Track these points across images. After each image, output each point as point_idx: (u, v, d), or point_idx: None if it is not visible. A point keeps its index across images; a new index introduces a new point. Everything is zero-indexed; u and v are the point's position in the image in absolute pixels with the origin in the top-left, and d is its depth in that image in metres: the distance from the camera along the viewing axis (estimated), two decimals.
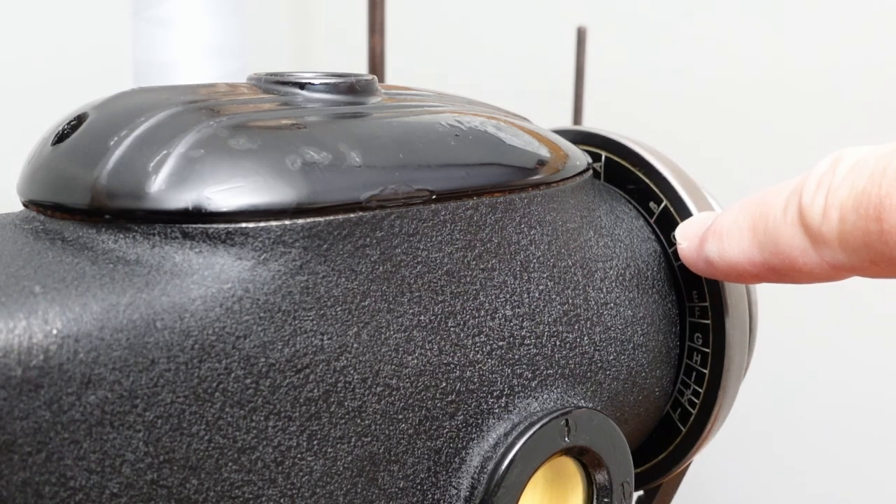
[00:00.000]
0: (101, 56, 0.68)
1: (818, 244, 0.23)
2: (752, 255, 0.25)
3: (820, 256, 0.23)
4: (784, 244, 0.24)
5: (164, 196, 0.20)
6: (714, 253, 0.26)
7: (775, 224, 0.24)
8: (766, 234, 0.24)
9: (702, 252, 0.27)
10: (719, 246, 0.26)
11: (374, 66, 0.52)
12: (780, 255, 0.24)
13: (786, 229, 0.24)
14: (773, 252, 0.24)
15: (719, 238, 0.26)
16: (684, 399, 0.30)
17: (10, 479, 0.18)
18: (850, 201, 0.22)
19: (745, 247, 0.25)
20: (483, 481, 0.24)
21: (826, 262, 0.23)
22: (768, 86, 0.64)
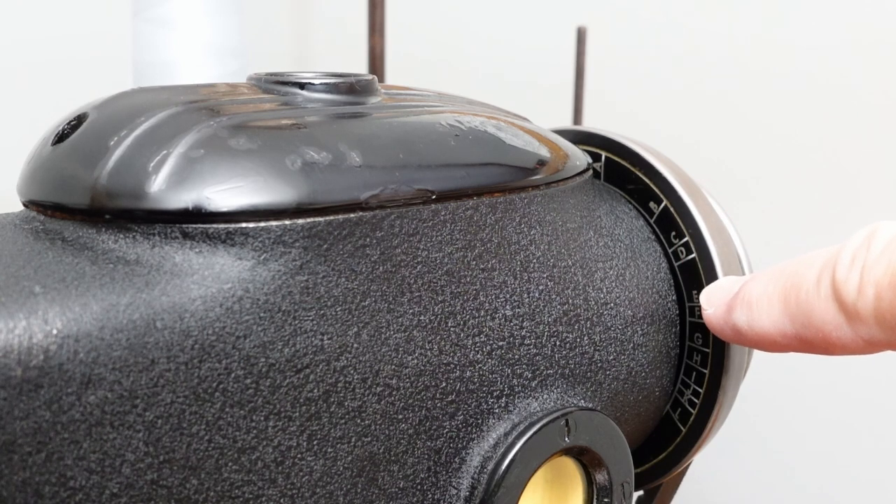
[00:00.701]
0: (101, 56, 0.68)
1: (853, 320, 0.23)
2: (784, 327, 0.25)
3: (855, 332, 0.23)
4: (817, 318, 0.23)
5: (164, 196, 0.20)
6: (743, 322, 0.26)
7: (808, 297, 0.24)
8: (798, 306, 0.24)
9: (729, 320, 0.26)
10: (749, 315, 0.25)
11: (374, 66, 0.52)
12: (813, 328, 0.24)
13: (819, 303, 0.23)
14: (805, 325, 0.24)
15: (749, 307, 0.25)
16: (684, 399, 0.30)
17: (10, 479, 0.18)
18: (887, 279, 0.22)
19: (776, 318, 0.25)
20: (483, 481, 0.24)
21: (861, 338, 0.23)
22: (769, 86, 0.64)
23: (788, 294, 0.24)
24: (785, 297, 0.24)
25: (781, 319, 0.25)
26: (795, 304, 0.24)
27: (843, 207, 0.63)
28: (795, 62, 0.63)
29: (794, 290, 0.24)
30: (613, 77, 0.68)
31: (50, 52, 0.71)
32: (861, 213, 0.63)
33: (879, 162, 0.62)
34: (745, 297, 0.26)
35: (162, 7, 0.52)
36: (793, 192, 0.65)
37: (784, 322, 0.25)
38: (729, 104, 0.66)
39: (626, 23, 0.69)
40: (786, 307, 0.24)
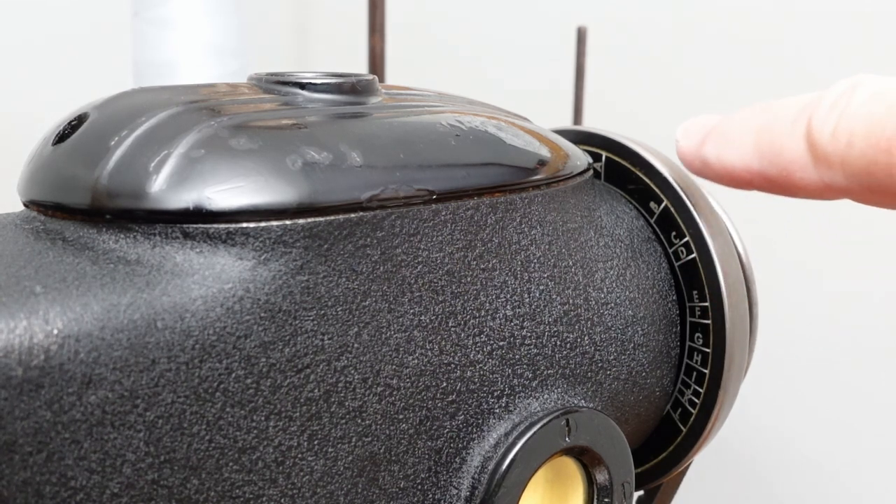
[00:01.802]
0: (101, 56, 0.68)
1: (820, 163, 0.23)
2: (750, 162, 0.25)
3: (819, 175, 0.23)
4: (785, 157, 0.24)
5: (164, 196, 0.20)
6: (713, 154, 0.26)
7: (780, 136, 0.24)
8: (769, 143, 0.24)
9: (701, 151, 0.27)
10: (719, 148, 0.26)
11: (374, 66, 0.52)
12: (779, 166, 0.24)
13: (790, 143, 0.24)
14: (772, 162, 0.24)
15: (721, 139, 0.26)
16: (685, 399, 0.30)
17: (10, 479, 0.18)
18: (863, 128, 0.22)
19: (745, 152, 0.25)
20: (483, 481, 0.24)
21: (823, 182, 0.23)
22: (768, 86, 0.64)
23: (762, 130, 0.25)
24: (758, 133, 0.25)
25: (750, 154, 0.25)
26: (768, 141, 0.25)
27: (843, 207, 0.63)
28: (796, 62, 0.63)
29: (768, 128, 0.25)
30: (613, 77, 0.68)
31: (50, 52, 0.71)
32: (861, 212, 0.63)
33: None
34: (720, 129, 0.26)
35: (162, 7, 0.52)
36: None
37: (752, 157, 0.25)
38: (729, 104, 0.66)
39: (626, 23, 0.69)
40: (757, 143, 0.25)
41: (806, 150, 0.23)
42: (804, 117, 0.24)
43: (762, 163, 0.25)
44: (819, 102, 0.23)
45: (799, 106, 0.24)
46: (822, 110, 0.23)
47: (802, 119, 0.24)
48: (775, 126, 0.25)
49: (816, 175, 0.23)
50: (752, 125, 0.25)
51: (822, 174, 0.23)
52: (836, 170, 0.23)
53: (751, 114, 0.26)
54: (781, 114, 0.25)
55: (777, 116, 0.25)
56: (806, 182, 0.24)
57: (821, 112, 0.23)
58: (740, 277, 0.30)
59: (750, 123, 0.25)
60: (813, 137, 0.23)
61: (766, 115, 0.25)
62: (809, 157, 0.23)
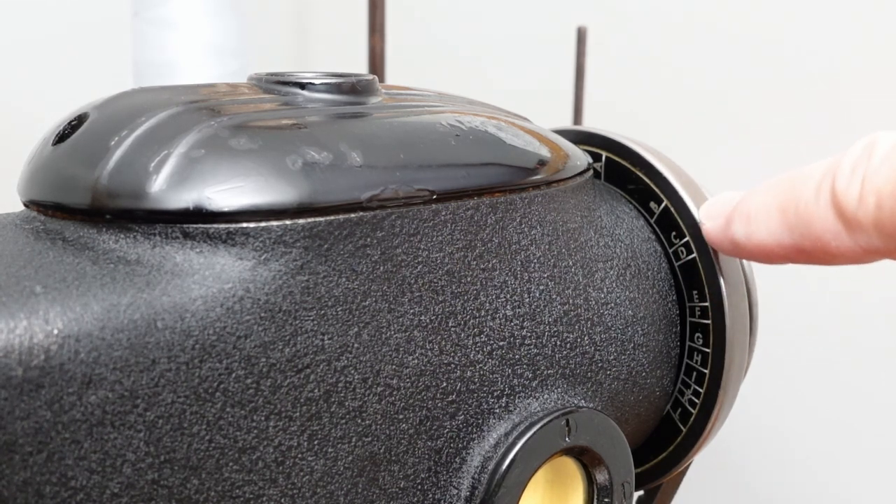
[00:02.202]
0: (101, 56, 0.68)
1: (853, 229, 0.23)
2: (782, 238, 0.25)
3: (854, 241, 0.23)
4: (817, 228, 0.24)
5: (164, 196, 0.20)
6: (741, 234, 0.26)
7: (807, 207, 0.24)
8: (796, 216, 0.24)
9: (728, 232, 0.26)
10: (747, 227, 0.26)
11: (374, 66, 0.52)
12: (812, 238, 0.24)
13: (818, 213, 0.23)
14: (803, 235, 0.24)
15: (747, 219, 0.26)
16: (685, 399, 0.30)
17: (10, 479, 0.18)
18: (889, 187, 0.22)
19: (774, 229, 0.25)
20: (483, 481, 0.24)
21: (860, 247, 0.23)
22: (768, 85, 0.64)
23: (787, 204, 0.24)
24: (783, 208, 0.25)
25: (779, 230, 0.25)
26: (794, 214, 0.24)
27: None
28: (796, 62, 0.63)
29: (793, 201, 0.24)
30: (613, 77, 0.68)
31: (50, 52, 0.71)
32: None
33: None
34: (743, 209, 0.26)
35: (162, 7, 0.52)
36: None
37: (782, 232, 0.25)
38: (729, 104, 0.66)
39: (626, 23, 0.69)
40: (784, 217, 0.25)
41: (836, 218, 0.23)
42: (827, 184, 0.23)
43: (794, 237, 0.24)
44: (839, 166, 0.23)
45: (819, 173, 0.24)
46: (844, 174, 0.23)
47: (826, 186, 0.23)
48: (800, 197, 0.24)
49: (852, 241, 0.23)
50: (775, 200, 0.25)
51: (857, 239, 0.23)
52: (871, 233, 0.22)
53: (771, 188, 0.25)
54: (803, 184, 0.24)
55: (799, 187, 0.24)
56: (843, 249, 0.23)
57: (843, 177, 0.23)
58: (740, 277, 0.30)
59: (772, 198, 0.25)
60: (840, 204, 0.23)
61: (787, 188, 0.25)
62: (841, 225, 0.23)
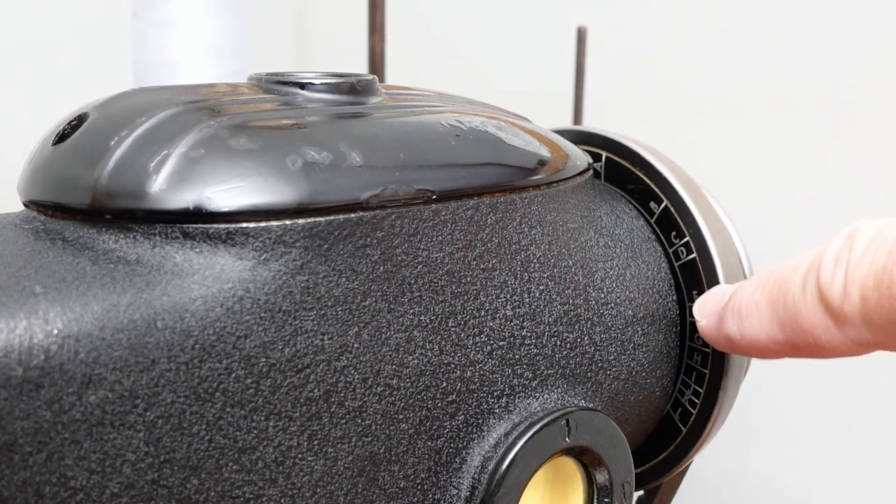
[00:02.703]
0: (101, 56, 0.68)
1: (841, 323, 0.22)
2: (774, 334, 0.24)
3: (844, 334, 0.23)
4: (806, 323, 0.23)
5: (164, 196, 0.20)
6: (735, 332, 0.26)
7: (795, 303, 0.24)
8: (786, 312, 0.24)
9: (722, 330, 0.26)
10: (739, 324, 0.25)
11: (374, 66, 0.52)
12: (803, 333, 0.23)
13: (806, 308, 0.23)
14: (794, 330, 0.24)
15: (739, 316, 0.25)
16: (685, 399, 0.30)
17: (10, 479, 0.18)
18: (871, 280, 0.21)
19: (766, 325, 0.25)
20: (483, 481, 0.24)
21: (851, 340, 0.23)
22: (768, 85, 0.64)
23: (776, 300, 0.24)
24: (773, 304, 0.24)
25: (771, 326, 0.24)
26: (783, 310, 0.24)
27: (843, 207, 0.63)
28: (796, 62, 0.63)
29: (781, 296, 0.24)
30: (613, 77, 0.68)
31: (50, 52, 0.71)
32: (861, 212, 0.63)
33: (880, 161, 0.62)
34: (734, 305, 0.26)
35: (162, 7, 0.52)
36: (793, 192, 0.65)
37: (774, 329, 0.24)
38: (729, 104, 0.66)
39: (626, 23, 0.69)
40: (774, 313, 0.24)
41: (824, 313, 0.23)
42: (812, 278, 0.23)
43: (786, 333, 0.24)
44: (823, 259, 0.23)
45: (805, 266, 0.24)
46: (828, 267, 0.23)
47: (811, 280, 0.23)
48: (788, 293, 0.24)
49: (842, 335, 0.23)
50: (765, 296, 0.25)
51: (847, 333, 0.22)
52: (860, 326, 0.22)
53: (760, 284, 0.25)
54: (790, 278, 0.24)
55: (786, 281, 0.24)
56: (835, 344, 0.23)
57: (826, 270, 0.23)
58: (740, 277, 0.30)
59: (761, 294, 0.25)
60: (826, 298, 0.23)
61: (775, 283, 0.24)
62: (829, 319, 0.23)
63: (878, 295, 0.21)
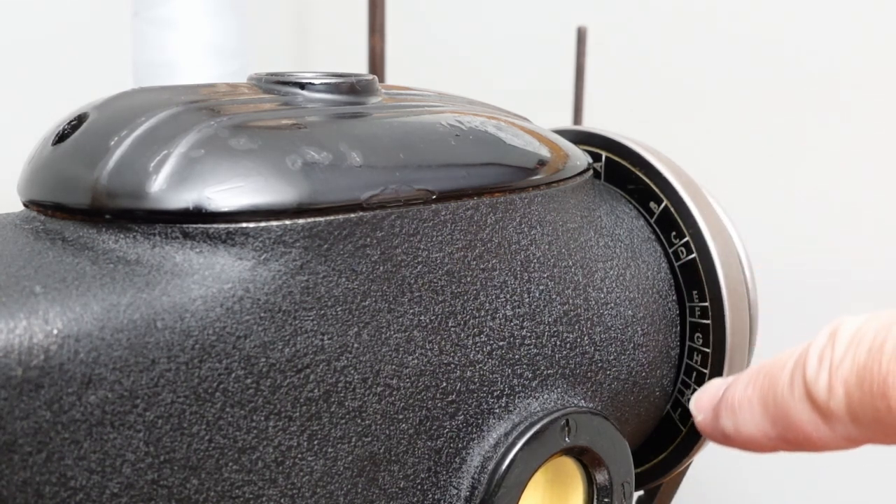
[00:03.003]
0: (101, 56, 0.68)
1: (829, 419, 0.23)
2: (767, 430, 0.25)
3: (833, 430, 0.23)
4: (796, 420, 0.24)
5: (164, 196, 0.20)
6: (730, 428, 0.26)
7: (784, 400, 0.24)
8: (776, 409, 0.24)
9: (718, 426, 0.27)
10: (734, 421, 0.26)
11: (374, 66, 0.52)
12: (794, 429, 0.24)
13: (795, 405, 0.24)
14: (786, 427, 0.24)
15: (733, 412, 0.26)
16: (685, 399, 0.30)
17: (10, 478, 0.18)
18: (854, 378, 0.22)
19: (759, 421, 0.25)
20: (483, 481, 0.24)
21: (840, 436, 0.23)
22: (769, 85, 0.64)
23: (766, 396, 0.25)
24: (764, 400, 0.25)
25: (763, 422, 0.25)
26: (774, 407, 0.24)
27: (843, 207, 0.63)
28: (796, 62, 0.63)
29: (772, 393, 0.25)
30: (613, 77, 0.68)
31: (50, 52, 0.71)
32: (861, 211, 0.63)
33: (880, 161, 0.62)
34: (728, 401, 0.26)
35: (162, 7, 0.52)
36: (793, 192, 0.65)
37: (766, 425, 0.25)
38: (729, 104, 0.66)
39: (626, 23, 0.69)
40: (766, 410, 0.25)
41: (812, 410, 0.23)
42: (799, 375, 0.23)
43: (777, 429, 0.24)
44: (808, 356, 0.23)
45: (792, 362, 0.24)
46: (812, 365, 0.23)
47: (798, 377, 0.24)
48: (776, 390, 0.24)
49: (831, 431, 0.23)
50: (756, 393, 0.25)
51: (835, 429, 0.23)
52: (847, 423, 0.22)
53: (751, 379, 0.25)
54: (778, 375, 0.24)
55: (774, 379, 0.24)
56: (826, 440, 0.23)
57: (811, 367, 0.23)
58: (740, 277, 0.30)
59: (752, 391, 0.25)
60: (812, 395, 0.23)
61: (764, 379, 0.25)
62: (817, 416, 0.23)
63: (862, 393, 0.22)
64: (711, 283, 0.29)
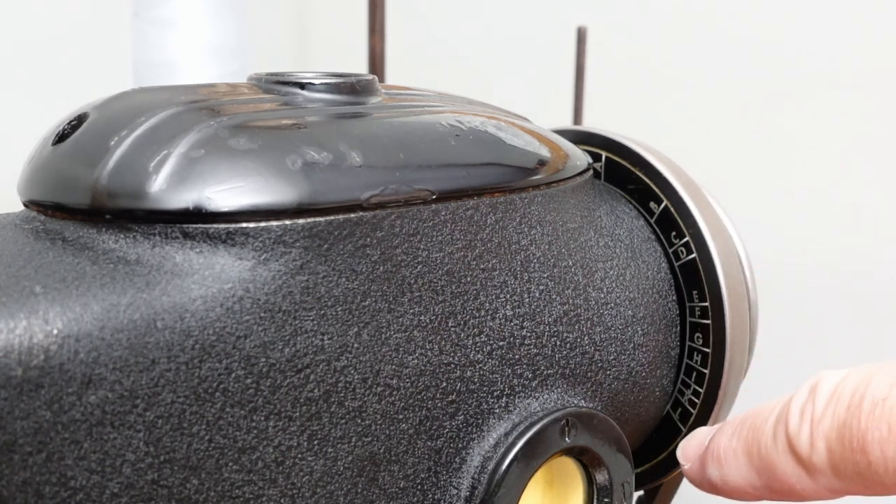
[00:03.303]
0: (101, 56, 0.68)
1: (811, 472, 0.23)
2: (752, 480, 0.25)
3: (816, 483, 0.23)
4: (780, 472, 0.24)
5: (164, 196, 0.20)
6: (716, 477, 0.26)
7: (768, 452, 0.24)
8: (760, 461, 0.25)
9: (705, 476, 0.27)
10: (720, 471, 0.26)
11: (374, 66, 0.52)
12: (778, 481, 0.24)
13: (778, 458, 0.24)
14: (770, 478, 0.25)
15: (718, 463, 0.26)
16: (685, 399, 0.30)
17: (10, 479, 0.18)
18: (834, 433, 0.22)
19: (744, 473, 0.25)
20: (483, 481, 0.24)
21: (823, 488, 0.23)
22: (768, 85, 0.64)
23: (751, 448, 0.25)
24: (748, 452, 0.25)
25: (749, 473, 0.25)
26: (758, 458, 0.25)
27: (843, 207, 0.63)
28: (796, 62, 0.63)
29: (755, 445, 0.25)
30: (613, 77, 0.68)
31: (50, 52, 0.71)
32: (861, 211, 0.63)
33: (880, 161, 0.62)
34: (714, 451, 0.27)
35: (162, 7, 0.52)
36: (793, 192, 0.65)
37: (752, 476, 0.25)
38: (729, 104, 0.66)
39: (626, 23, 0.69)
40: (750, 461, 0.25)
41: (795, 463, 0.24)
42: (781, 429, 0.24)
43: (762, 480, 0.25)
44: (789, 410, 0.24)
45: (774, 416, 0.24)
46: (794, 421, 0.23)
47: (781, 431, 0.24)
48: (760, 443, 0.25)
49: (815, 483, 0.23)
50: (741, 444, 0.25)
51: (818, 482, 0.23)
52: (829, 476, 0.23)
53: (735, 431, 0.26)
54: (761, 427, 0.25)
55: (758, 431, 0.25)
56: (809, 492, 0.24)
57: (793, 421, 0.24)
58: (740, 277, 0.30)
59: (737, 442, 0.26)
60: (795, 449, 0.23)
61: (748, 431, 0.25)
62: (801, 469, 0.24)
63: (843, 448, 0.22)
64: (711, 283, 0.29)
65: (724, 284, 0.29)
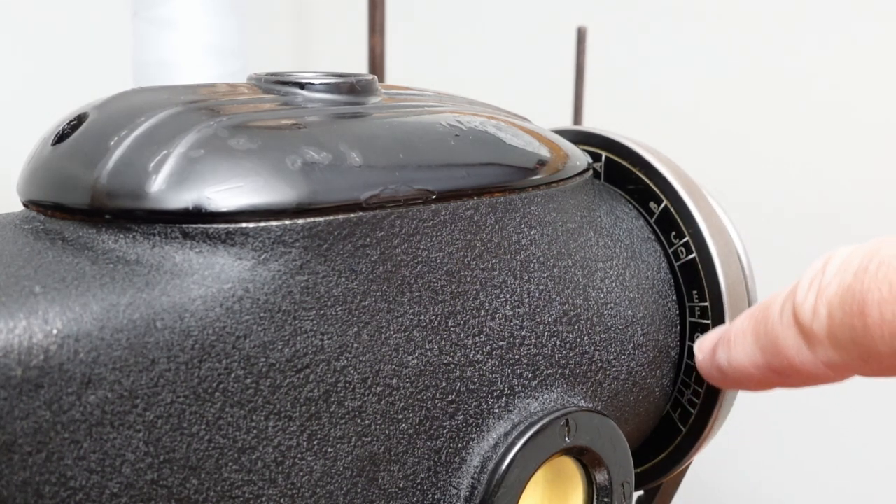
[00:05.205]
0: (101, 56, 0.68)
1: (811, 343, 0.23)
2: (756, 359, 0.25)
3: (814, 355, 0.24)
4: (781, 344, 0.24)
5: (164, 196, 0.20)
6: (723, 360, 0.27)
7: (773, 326, 0.25)
8: (766, 335, 0.25)
9: (714, 360, 0.27)
10: (728, 353, 0.26)
11: (374, 66, 0.52)
12: (779, 356, 0.24)
13: (782, 330, 0.24)
14: (772, 353, 0.25)
15: (727, 345, 0.27)
16: (684, 399, 0.30)
17: (10, 479, 0.18)
18: (837, 299, 0.22)
19: (749, 351, 0.26)
20: (483, 481, 0.24)
21: (820, 361, 0.24)
22: (768, 86, 0.64)
23: (758, 326, 0.25)
24: (756, 329, 0.25)
25: (753, 351, 0.25)
26: (764, 335, 0.25)
27: (843, 207, 0.63)
28: (796, 62, 0.63)
29: (763, 321, 0.25)
30: (613, 77, 0.68)
31: (50, 52, 0.71)
32: (860, 211, 0.63)
33: (880, 161, 0.62)
34: (725, 335, 0.27)
35: (162, 7, 0.52)
36: (793, 192, 0.65)
37: (756, 353, 0.25)
38: (729, 104, 0.66)
39: (626, 23, 0.69)
40: (756, 339, 0.25)
41: (797, 333, 0.24)
42: (789, 302, 0.24)
43: (766, 356, 0.25)
44: (799, 283, 0.24)
45: (785, 293, 0.25)
46: (802, 290, 0.24)
47: (788, 303, 0.24)
48: (768, 318, 0.25)
49: (813, 356, 0.24)
50: (750, 324, 0.26)
51: (816, 353, 0.23)
52: (827, 346, 0.23)
53: (749, 313, 0.26)
54: (772, 304, 0.25)
55: (768, 308, 0.25)
56: (807, 366, 0.24)
57: (801, 292, 0.24)
58: (740, 277, 0.30)
59: (748, 322, 0.26)
60: (798, 318, 0.24)
61: (759, 310, 0.26)
62: (801, 339, 0.24)
63: (843, 313, 0.22)
64: (711, 283, 0.29)
65: (724, 284, 0.29)
